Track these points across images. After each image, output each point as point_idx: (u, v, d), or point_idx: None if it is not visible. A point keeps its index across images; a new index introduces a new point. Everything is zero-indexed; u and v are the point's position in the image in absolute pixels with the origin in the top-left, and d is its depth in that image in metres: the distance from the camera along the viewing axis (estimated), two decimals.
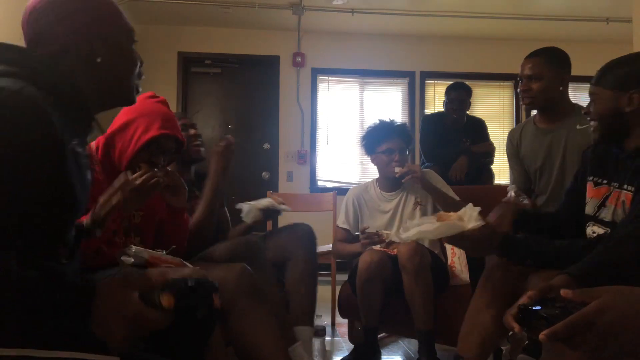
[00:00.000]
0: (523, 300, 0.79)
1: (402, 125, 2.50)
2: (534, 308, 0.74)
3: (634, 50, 2.90)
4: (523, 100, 2.23)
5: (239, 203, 2.21)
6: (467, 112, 3.73)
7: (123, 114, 1.68)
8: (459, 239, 1.34)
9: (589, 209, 1.55)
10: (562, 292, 0.73)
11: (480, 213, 1.37)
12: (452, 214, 1.38)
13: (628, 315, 0.68)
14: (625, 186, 1.44)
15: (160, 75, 5.10)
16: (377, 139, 2.40)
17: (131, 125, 1.64)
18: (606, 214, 1.49)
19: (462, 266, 2.36)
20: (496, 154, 3.70)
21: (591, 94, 1.52)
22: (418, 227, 1.39)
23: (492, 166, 3.69)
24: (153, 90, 1.81)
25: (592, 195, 1.56)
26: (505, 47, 5.40)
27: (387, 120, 2.46)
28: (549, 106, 2.19)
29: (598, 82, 1.49)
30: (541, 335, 0.69)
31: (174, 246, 1.64)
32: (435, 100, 5.54)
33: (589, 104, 1.54)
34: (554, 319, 0.69)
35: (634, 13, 2.97)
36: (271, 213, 2.20)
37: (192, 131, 2.19)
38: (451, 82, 3.77)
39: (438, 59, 5.49)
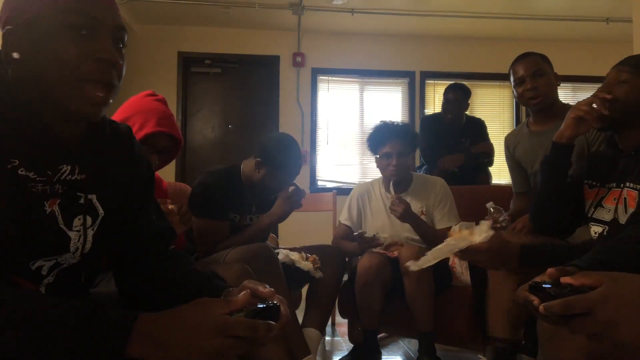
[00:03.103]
0: (535, 278, 0.81)
1: (404, 126, 2.39)
2: (544, 285, 0.77)
3: (633, 50, 2.90)
4: (531, 99, 2.14)
5: (279, 248, 2.22)
6: (467, 112, 3.73)
7: (119, 112, 1.68)
8: (470, 252, 1.28)
9: (587, 210, 1.57)
10: (562, 279, 0.75)
11: (493, 227, 1.32)
12: (463, 230, 1.33)
13: (629, 304, 0.68)
14: (628, 184, 1.45)
15: (160, 75, 5.10)
16: (378, 142, 2.35)
17: (126, 123, 1.64)
18: (604, 214, 1.50)
19: (463, 268, 2.35)
20: (496, 154, 3.70)
21: (623, 79, 1.49)
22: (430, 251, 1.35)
23: (491, 167, 3.68)
24: (153, 90, 1.80)
25: (587, 197, 1.58)
26: (505, 47, 5.36)
27: (389, 121, 2.39)
28: (547, 106, 2.17)
29: (638, 69, 1.48)
30: (540, 307, 0.72)
31: None
32: (436, 101, 5.53)
33: (610, 85, 1.51)
34: (561, 297, 0.71)
35: (634, 13, 2.96)
36: (302, 271, 2.16)
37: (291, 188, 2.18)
38: (451, 82, 3.77)
39: (438, 59, 5.49)
